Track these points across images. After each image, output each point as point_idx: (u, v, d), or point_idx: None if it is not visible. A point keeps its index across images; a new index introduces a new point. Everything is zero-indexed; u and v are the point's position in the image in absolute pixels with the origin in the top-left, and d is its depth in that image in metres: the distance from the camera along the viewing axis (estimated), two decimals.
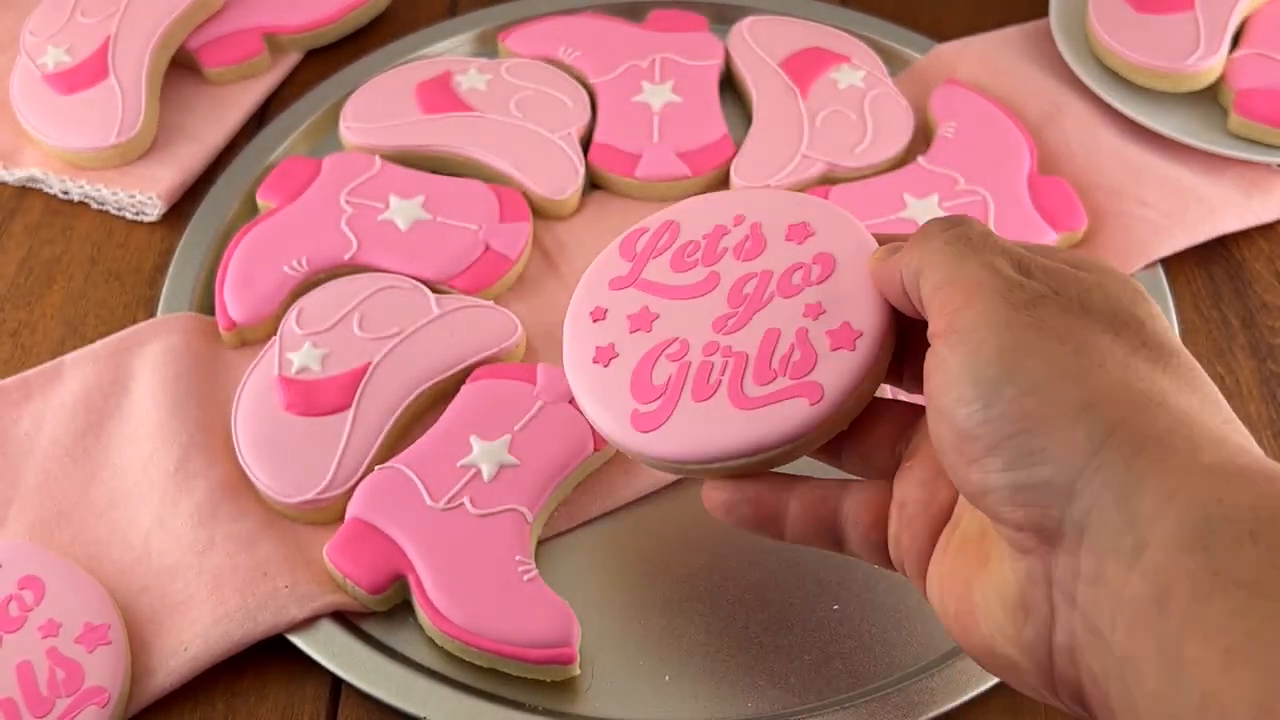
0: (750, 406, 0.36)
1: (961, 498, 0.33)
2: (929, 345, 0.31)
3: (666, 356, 0.38)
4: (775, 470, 0.37)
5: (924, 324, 0.32)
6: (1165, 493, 0.26)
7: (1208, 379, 0.30)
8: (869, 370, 0.36)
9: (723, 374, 0.37)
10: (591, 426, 0.41)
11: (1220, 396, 0.30)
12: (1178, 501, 0.26)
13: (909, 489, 0.34)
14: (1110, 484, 0.27)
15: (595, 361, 0.39)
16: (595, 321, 0.40)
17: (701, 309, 0.39)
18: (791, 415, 0.36)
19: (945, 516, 0.33)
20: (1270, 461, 0.27)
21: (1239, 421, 0.30)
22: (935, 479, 0.34)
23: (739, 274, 0.39)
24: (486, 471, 0.43)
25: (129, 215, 0.55)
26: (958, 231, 0.32)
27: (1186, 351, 0.31)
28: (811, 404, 0.36)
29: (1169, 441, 0.27)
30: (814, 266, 0.38)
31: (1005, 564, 0.29)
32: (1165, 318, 0.32)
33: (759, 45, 0.59)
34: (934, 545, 0.33)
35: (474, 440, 0.44)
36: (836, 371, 0.36)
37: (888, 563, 0.35)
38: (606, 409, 0.38)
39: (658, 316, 0.39)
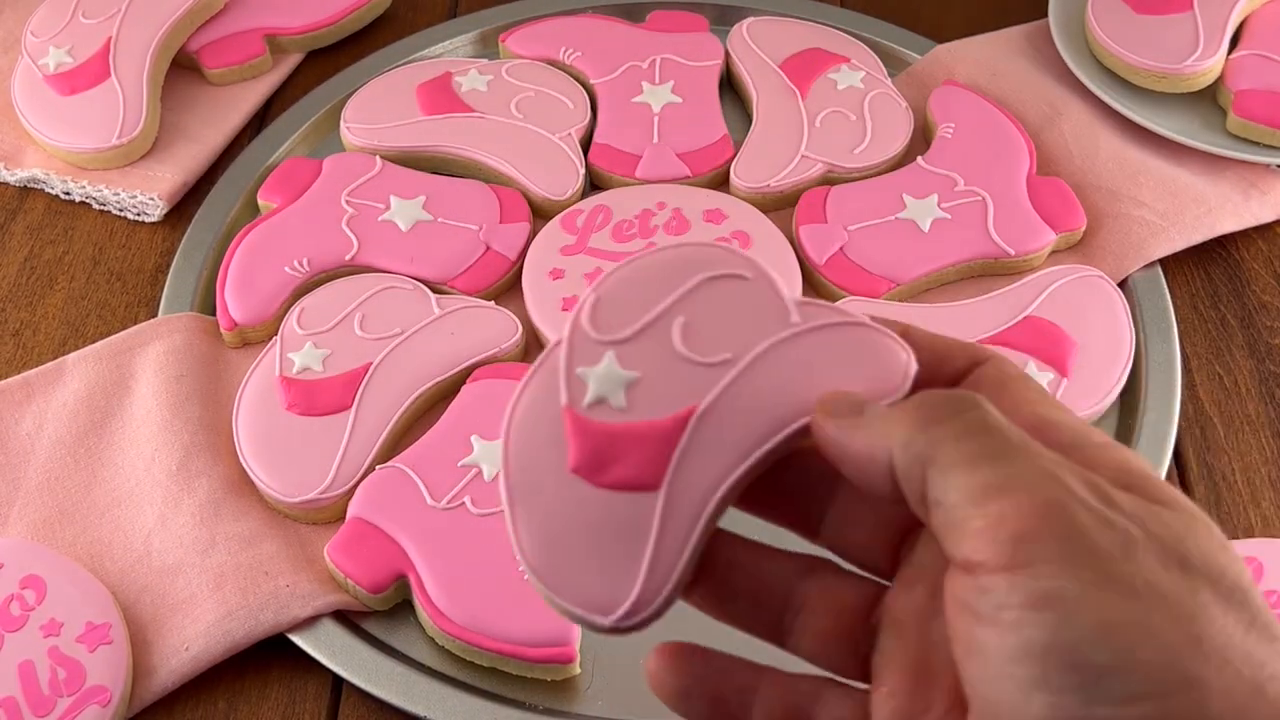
0: None
1: None
2: (947, 567, 0.23)
3: None
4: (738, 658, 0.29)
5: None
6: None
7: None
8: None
9: None
10: None
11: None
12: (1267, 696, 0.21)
13: None
14: None
15: (564, 310, 0.48)
16: (555, 280, 0.49)
17: None
18: None
19: None
20: None
21: None
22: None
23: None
24: (487, 471, 0.43)
25: (130, 216, 0.55)
26: (973, 420, 0.23)
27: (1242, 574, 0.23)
28: None
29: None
30: (734, 240, 0.48)
31: None
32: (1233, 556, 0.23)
33: (759, 46, 0.59)
34: None
35: (474, 440, 0.44)
36: None
37: None
38: None
39: None
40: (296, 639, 0.41)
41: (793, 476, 0.28)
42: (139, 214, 0.55)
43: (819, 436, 0.26)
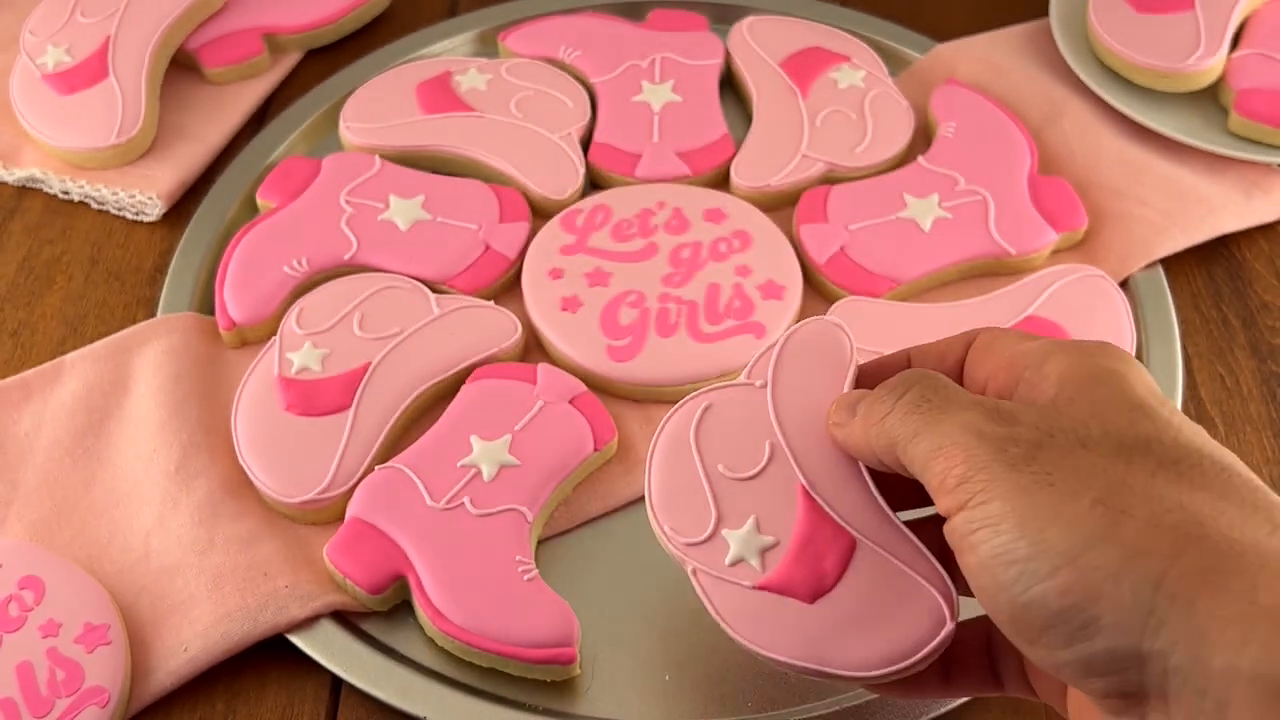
0: (709, 340, 0.47)
1: None
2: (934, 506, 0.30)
3: (627, 304, 0.48)
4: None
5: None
6: (1233, 647, 0.24)
7: (1235, 465, 0.28)
8: (796, 315, 0.48)
9: (679, 317, 0.47)
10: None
11: (1252, 481, 0.28)
12: (1248, 655, 0.24)
13: None
14: (1177, 641, 0.25)
15: (564, 310, 0.48)
16: (554, 279, 0.49)
17: (649, 269, 0.49)
18: (744, 347, 0.46)
19: None
20: None
21: None
22: None
23: (674, 244, 0.50)
24: (486, 471, 0.43)
25: (129, 215, 0.55)
26: (913, 396, 0.31)
27: (1206, 442, 0.29)
28: (758, 339, 0.47)
29: (1221, 583, 0.25)
30: (734, 239, 0.50)
31: None
32: (1169, 405, 0.29)
33: (759, 45, 0.59)
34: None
35: (474, 440, 0.44)
36: (773, 315, 0.48)
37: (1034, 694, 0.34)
38: (582, 345, 0.47)
39: (611, 275, 0.49)
40: (295, 640, 0.41)
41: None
42: (137, 213, 0.55)
43: (838, 443, 0.34)
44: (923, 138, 0.57)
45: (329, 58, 0.62)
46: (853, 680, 0.33)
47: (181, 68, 0.60)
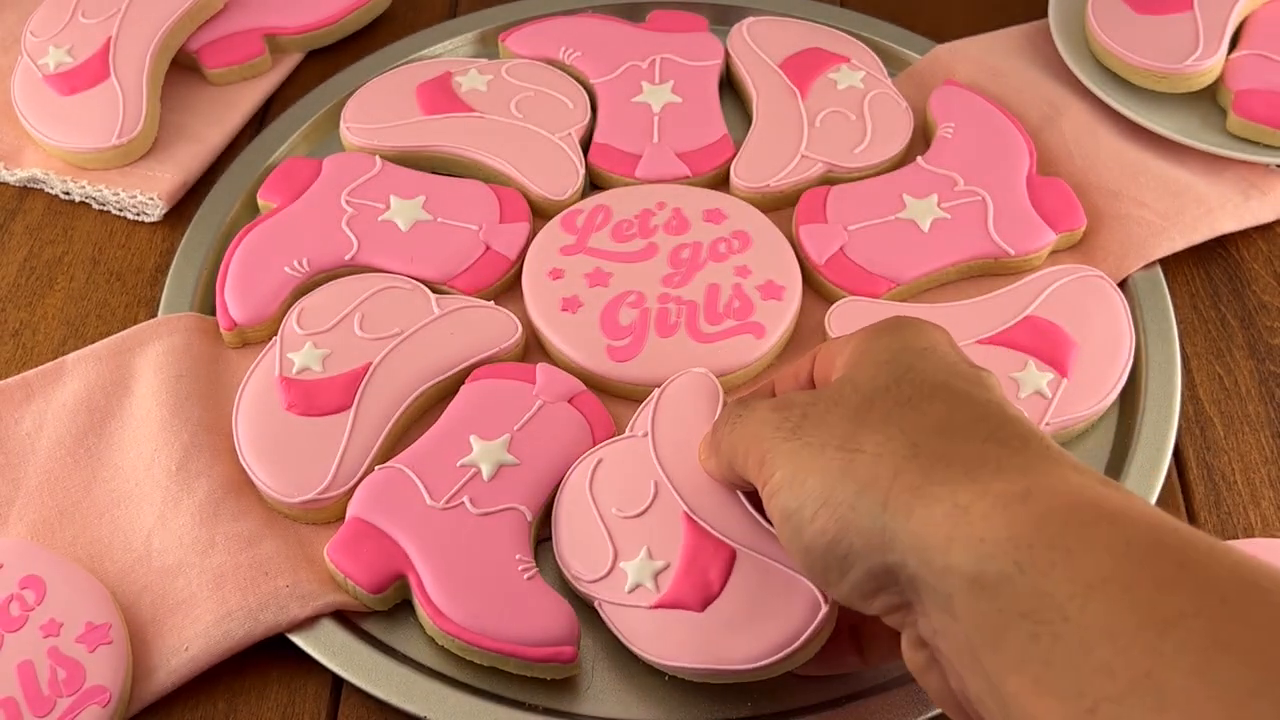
0: (709, 340, 0.47)
1: None
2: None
3: (627, 305, 0.48)
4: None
5: None
6: (943, 547, 0.28)
7: (971, 393, 0.32)
8: (795, 316, 0.48)
9: (679, 317, 0.48)
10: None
11: (984, 404, 0.32)
12: (955, 553, 0.28)
13: None
14: (907, 551, 0.29)
15: (564, 310, 0.48)
16: (555, 280, 0.49)
17: (649, 269, 0.49)
18: (744, 347, 0.47)
19: None
20: (1022, 477, 0.29)
21: (1006, 418, 0.31)
22: None
23: (674, 244, 0.50)
24: (486, 471, 0.43)
25: (130, 216, 0.55)
26: (727, 417, 0.37)
27: (951, 379, 0.33)
28: (758, 339, 0.47)
29: (929, 492, 0.29)
30: (734, 240, 0.50)
31: (903, 639, 0.32)
32: (928, 354, 0.33)
33: (759, 46, 0.59)
34: None
35: (474, 440, 0.44)
36: (772, 315, 0.48)
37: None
38: (583, 346, 0.47)
39: (611, 275, 0.49)
40: (296, 639, 0.41)
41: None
42: (139, 214, 0.55)
43: (710, 476, 0.40)
44: (922, 138, 0.57)
45: (330, 59, 0.63)
46: (747, 671, 0.37)
47: (183, 68, 0.60)
